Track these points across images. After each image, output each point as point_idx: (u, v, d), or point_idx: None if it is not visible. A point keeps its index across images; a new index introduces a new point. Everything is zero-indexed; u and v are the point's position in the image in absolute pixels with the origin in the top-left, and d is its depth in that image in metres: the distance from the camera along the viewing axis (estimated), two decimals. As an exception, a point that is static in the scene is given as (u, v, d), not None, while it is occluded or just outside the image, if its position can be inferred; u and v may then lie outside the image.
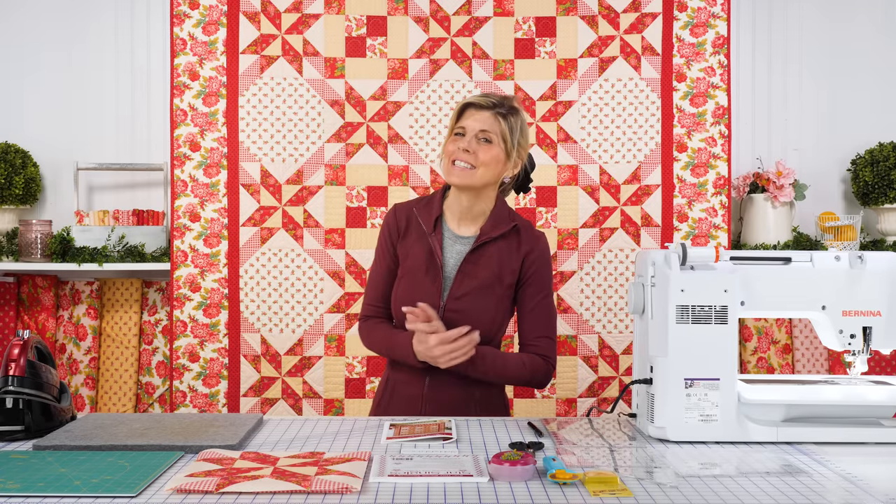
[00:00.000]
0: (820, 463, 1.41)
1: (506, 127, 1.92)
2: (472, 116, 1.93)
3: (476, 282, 1.93)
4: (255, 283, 2.95)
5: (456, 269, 1.95)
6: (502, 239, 1.96)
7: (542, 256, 1.99)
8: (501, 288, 1.95)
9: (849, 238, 3.03)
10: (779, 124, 3.21)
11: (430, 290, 1.93)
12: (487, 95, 1.96)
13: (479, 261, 1.94)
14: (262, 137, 2.96)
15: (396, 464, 1.36)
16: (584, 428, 1.69)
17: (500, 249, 1.96)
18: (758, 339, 3.04)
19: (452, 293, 1.93)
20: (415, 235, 1.99)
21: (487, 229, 1.95)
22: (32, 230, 2.95)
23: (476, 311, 1.91)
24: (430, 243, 1.96)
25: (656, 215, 2.97)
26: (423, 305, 1.82)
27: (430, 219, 1.98)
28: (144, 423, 1.64)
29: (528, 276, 1.97)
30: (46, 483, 1.25)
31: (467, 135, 1.91)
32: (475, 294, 1.92)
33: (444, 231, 1.99)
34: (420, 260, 1.96)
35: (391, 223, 2.02)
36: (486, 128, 1.91)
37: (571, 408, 2.96)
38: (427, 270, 1.94)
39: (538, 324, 1.98)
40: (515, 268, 1.96)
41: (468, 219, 1.98)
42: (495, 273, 1.94)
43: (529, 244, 1.98)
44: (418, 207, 2.02)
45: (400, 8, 2.98)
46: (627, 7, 2.97)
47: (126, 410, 3.01)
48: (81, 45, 3.15)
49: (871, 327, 1.65)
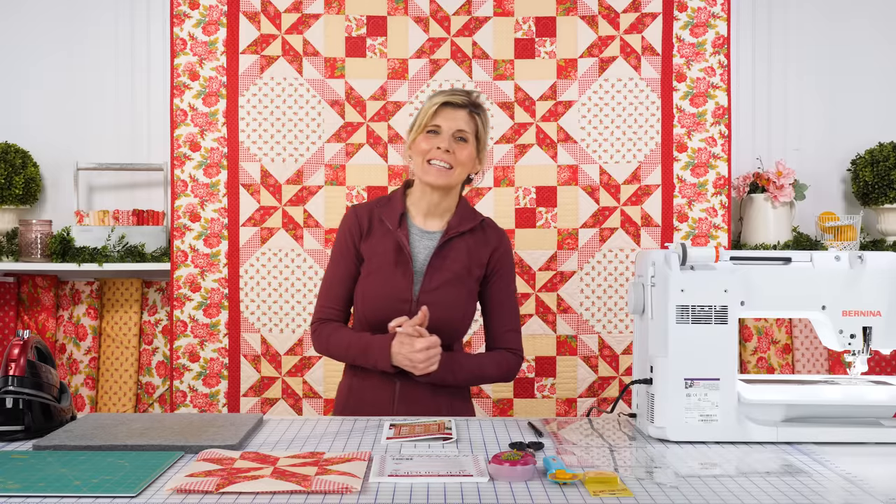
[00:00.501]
0: (820, 463, 1.41)
1: (479, 124, 1.96)
2: (447, 115, 1.93)
3: (447, 275, 1.94)
4: (255, 283, 2.95)
5: (426, 263, 1.95)
6: (470, 234, 1.98)
7: (507, 252, 2.03)
8: (471, 281, 1.97)
9: (849, 238, 3.03)
10: (779, 124, 3.21)
11: (402, 283, 1.92)
12: (457, 93, 1.95)
13: (449, 254, 1.95)
14: (262, 137, 2.96)
15: (396, 464, 1.36)
16: (584, 428, 1.69)
17: (468, 244, 1.97)
18: (758, 339, 3.04)
19: (424, 286, 1.92)
20: (379, 233, 1.97)
21: (455, 224, 1.97)
22: (32, 230, 2.95)
23: (448, 304, 1.92)
24: (397, 238, 1.95)
25: (656, 215, 2.97)
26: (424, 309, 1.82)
27: (395, 215, 1.97)
28: (144, 423, 1.64)
29: (496, 272, 2.00)
30: (46, 483, 1.25)
31: (443, 134, 1.92)
32: (447, 287, 1.93)
33: (410, 227, 1.99)
34: (388, 256, 1.94)
35: (352, 223, 2.00)
36: (464, 127, 1.93)
37: (571, 408, 2.96)
38: (397, 265, 1.93)
39: (507, 318, 2.01)
40: (483, 262, 1.98)
41: (434, 214, 1.99)
42: (465, 266, 1.95)
43: (496, 239, 2.01)
44: (379, 206, 2.01)
45: (400, 8, 2.98)
46: (627, 7, 2.97)
47: (126, 410, 3.01)
48: (81, 45, 3.15)
49: (871, 327, 1.65)
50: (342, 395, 2.02)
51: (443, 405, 1.93)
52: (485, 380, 1.99)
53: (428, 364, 1.81)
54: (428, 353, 1.80)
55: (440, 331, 1.91)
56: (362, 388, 1.95)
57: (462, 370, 1.92)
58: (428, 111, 1.94)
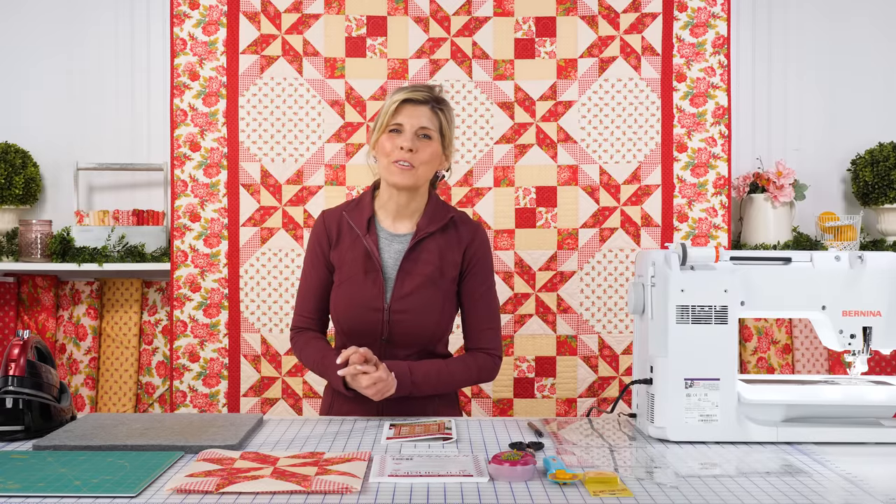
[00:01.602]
0: (820, 463, 1.41)
1: (443, 120, 1.89)
2: (409, 113, 1.86)
3: (419, 279, 1.88)
4: (255, 283, 2.95)
5: (396, 269, 1.89)
6: (440, 233, 1.91)
7: (482, 247, 1.95)
8: (445, 282, 1.90)
9: (849, 238, 3.03)
10: (779, 124, 3.21)
11: (372, 292, 1.87)
12: (418, 88, 1.89)
13: (420, 257, 1.89)
14: (262, 137, 2.96)
15: (396, 464, 1.36)
16: (584, 428, 1.69)
17: (439, 244, 1.91)
18: (758, 339, 3.04)
19: (395, 293, 1.87)
20: (348, 240, 1.92)
21: (424, 224, 1.91)
22: (32, 230, 2.95)
23: (421, 309, 1.87)
24: (365, 245, 1.89)
25: (656, 215, 2.97)
26: (363, 350, 1.73)
27: (363, 220, 1.91)
28: (144, 423, 1.64)
29: (471, 268, 1.93)
30: (46, 483, 1.25)
31: (406, 132, 1.85)
32: (419, 292, 1.87)
33: (379, 231, 1.93)
34: (357, 264, 1.89)
35: (320, 231, 1.95)
36: (426, 124, 1.86)
37: (571, 408, 2.96)
38: (366, 273, 1.88)
39: (483, 316, 1.94)
40: (457, 260, 1.92)
41: (404, 216, 1.93)
42: (437, 268, 1.89)
43: (469, 235, 1.94)
44: (348, 210, 1.95)
45: (400, 8, 2.98)
46: (627, 7, 2.97)
47: (126, 410, 3.01)
48: (81, 46, 3.15)
49: (871, 327, 1.65)
50: (326, 402, 1.99)
51: (429, 412, 1.90)
52: (456, 385, 1.92)
53: (380, 394, 1.75)
54: (376, 388, 1.73)
55: (417, 337, 1.88)
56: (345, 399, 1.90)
57: (427, 382, 1.84)
58: (389, 109, 1.87)
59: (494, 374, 1.96)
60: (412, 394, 1.83)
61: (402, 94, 1.88)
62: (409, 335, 1.87)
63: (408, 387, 1.81)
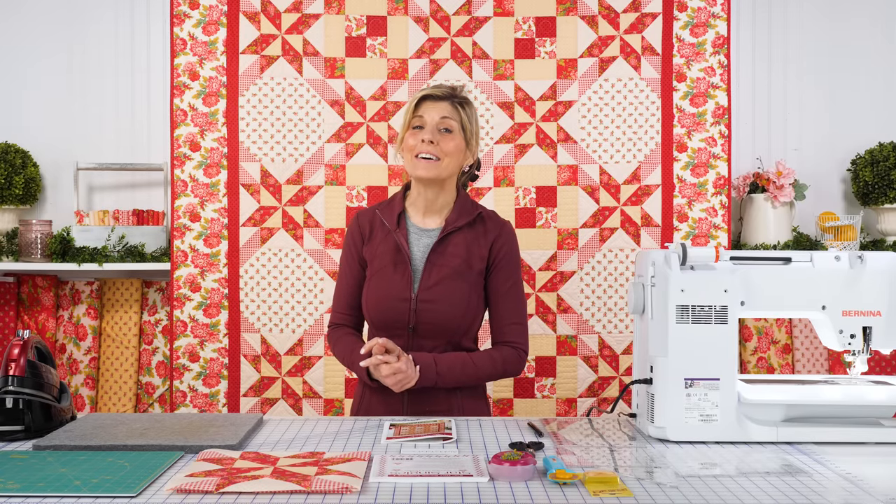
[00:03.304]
0: (820, 463, 1.41)
1: (464, 115, 1.95)
2: (429, 108, 1.93)
3: (446, 270, 1.93)
4: (255, 283, 2.95)
5: (424, 261, 1.94)
6: (468, 227, 1.97)
7: (509, 242, 2.00)
8: (472, 275, 1.95)
9: (849, 238, 3.03)
10: (779, 124, 3.21)
11: (400, 283, 1.93)
12: (439, 87, 1.97)
13: (447, 250, 1.94)
14: (262, 137, 2.96)
15: (396, 464, 1.36)
16: (584, 428, 1.69)
17: (467, 238, 1.96)
18: (758, 339, 3.04)
19: (423, 284, 1.92)
20: (380, 236, 1.99)
21: (452, 219, 1.96)
22: (32, 230, 2.95)
23: (448, 300, 1.91)
24: (395, 239, 1.96)
25: (656, 215, 2.97)
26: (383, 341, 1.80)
27: (393, 216, 1.98)
28: (144, 423, 1.64)
29: (497, 263, 1.97)
30: (46, 483, 1.25)
31: (427, 126, 1.92)
32: (445, 283, 1.92)
33: (409, 226, 2.00)
34: (387, 257, 1.96)
35: (354, 230, 2.03)
36: (447, 115, 1.93)
37: (571, 408, 2.96)
38: (395, 265, 1.94)
39: (509, 310, 1.98)
40: (484, 254, 1.96)
41: (432, 211, 1.99)
42: (464, 260, 1.94)
43: (496, 231, 1.99)
44: (380, 208, 2.03)
45: (400, 8, 2.98)
46: (627, 7, 2.97)
47: (126, 410, 3.01)
48: (81, 45, 3.15)
49: (871, 327, 1.65)
50: (357, 398, 2.05)
51: (455, 405, 1.93)
52: (481, 378, 1.96)
53: (399, 385, 1.81)
54: (396, 378, 1.80)
55: (443, 327, 1.92)
56: (374, 392, 1.95)
57: (451, 373, 1.88)
58: (410, 107, 1.96)
59: (520, 369, 2.00)
60: (436, 385, 1.88)
61: (423, 92, 1.96)
62: (435, 325, 1.91)
63: (432, 377, 1.86)
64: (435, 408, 1.91)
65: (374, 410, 1.95)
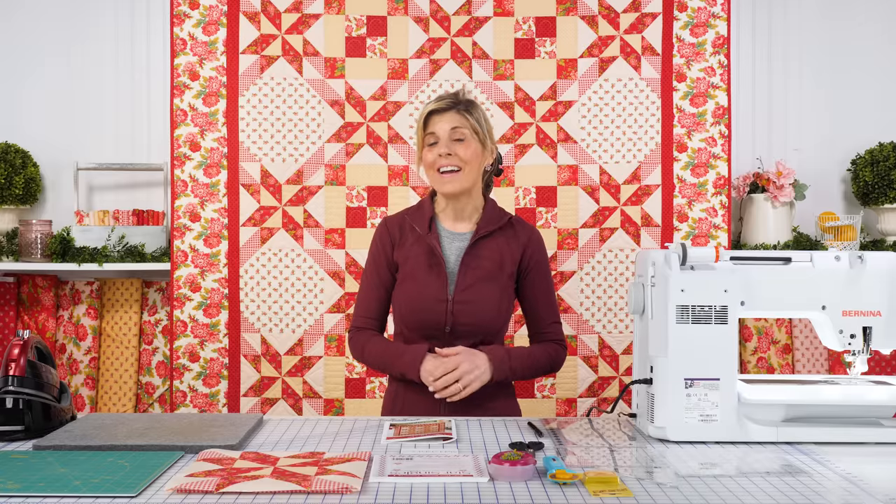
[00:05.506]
0: (820, 463, 1.41)
1: (472, 120, 1.97)
2: (438, 122, 1.97)
3: (480, 272, 1.97)
4: (255, 283, 2.95)
5: (458, 263, 1.98)
6: (499, 232, 2.02)
7: (539, 246, 2.06)
8: (504, 278, 1.99)
9: (849, 238, 3.03)
10: (779, 124, 3.21)
11: (436, 285, 1.95)
12: (441, 98, 2.00)
13: (481, 253, 1.99)
14: (262, 137, 2.96)
15: (396, 464, 1.36)
16: (584, 428, 1.69)
17: (498, 242, 2.01)
18: (758, 339, 3.04)
19: (458, 285, 1.95)
20: (411, 240, 2.02)
21: (484, 224, 2.00)
22: (32, 230, 2.94)
23: (483, 301, 1.95)
24: (428, 242, 1.99)
25: (656, 215, 2.97)
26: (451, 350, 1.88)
27: (424, 221, 2.01)
28: (144, 423, 1.64)
29: (531, 266, 2.03)
30: (46, 483, 1.25)
31: (441, 140, 1.95)
32: (480, 284, 1.96)
33: (440, 230, 2.03)
34: (421, 259, 1.98)
35: (384, 234, 2.05)
36: (456, 125, 1.95)
37: (571, 408, 2.96)
38: (430, 267, 1.97)
39: (549, 311, 2.05)
40: (516, 258, 2.01)
41: (462, 218, 2.04)
42: (497, 263, 1.98)
43: (526, 235, 2.04)
44: (409, 214, 2.06)
45: (400, 8, 2.98)
46: (627, 7, 2.97)
47: (126, 410, 3.01)
48: (81, 45, 3.15)
49: (871, 327, 1.65)
50: (389, 399, 2.05)
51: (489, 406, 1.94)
52: (539, 372, 2.01)
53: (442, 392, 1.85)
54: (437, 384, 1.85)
55: (479, 328, 1.95)
56: (408, 390, 1.97)
57: (521, 366, 1.95)
58: (420, 125, 2.00)
59: (562, 364, 2.06)
60: (507, 379, 1.94)
61: (427, 108, 1.99)
62: (471, 326, 1.94)
63: (506, 371, 1.92)
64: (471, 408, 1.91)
65: (409, 410, 1.95)
